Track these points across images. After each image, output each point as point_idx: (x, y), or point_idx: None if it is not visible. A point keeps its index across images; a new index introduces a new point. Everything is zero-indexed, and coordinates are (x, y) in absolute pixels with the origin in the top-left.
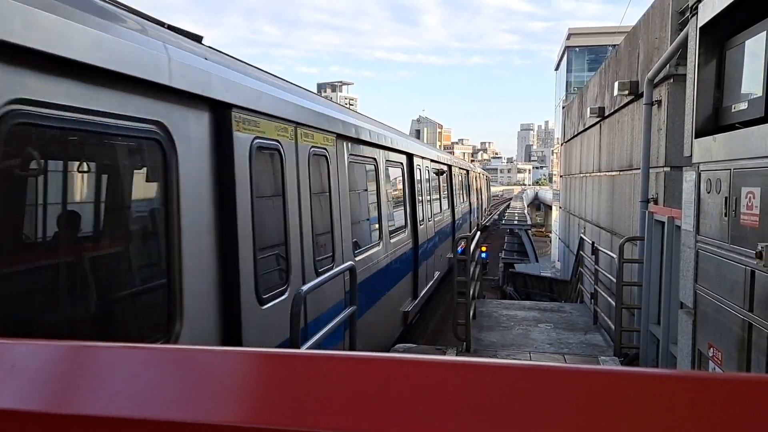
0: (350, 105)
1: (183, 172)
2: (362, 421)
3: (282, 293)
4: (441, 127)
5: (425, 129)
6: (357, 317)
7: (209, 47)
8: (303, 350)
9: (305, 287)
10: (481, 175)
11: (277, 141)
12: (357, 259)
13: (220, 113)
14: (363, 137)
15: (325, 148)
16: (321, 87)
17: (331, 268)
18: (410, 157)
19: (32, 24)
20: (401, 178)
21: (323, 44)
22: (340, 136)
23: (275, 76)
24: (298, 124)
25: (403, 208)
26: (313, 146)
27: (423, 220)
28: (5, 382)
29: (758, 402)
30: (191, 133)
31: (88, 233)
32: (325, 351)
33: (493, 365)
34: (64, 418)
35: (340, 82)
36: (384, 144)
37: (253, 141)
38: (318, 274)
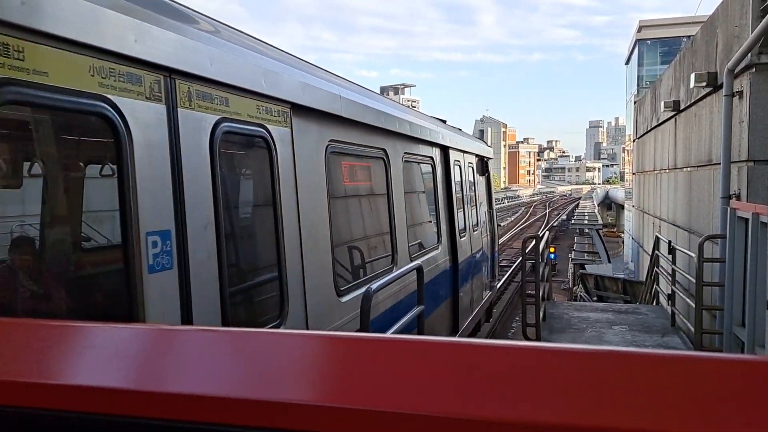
0: (413, 107)
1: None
2: (439, 403)
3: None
4: (505, 126)
5: (489, 129)
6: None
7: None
8: (373, 335)
9: (374, 285)
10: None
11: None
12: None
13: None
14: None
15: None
16: (384, 90)
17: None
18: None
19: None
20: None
21: (380, 47)
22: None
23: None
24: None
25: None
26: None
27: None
28: (93, 361)
29: None
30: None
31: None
32: (396, 335)
33: (574, 351)
34: (149, 395)
35: (403, 84)
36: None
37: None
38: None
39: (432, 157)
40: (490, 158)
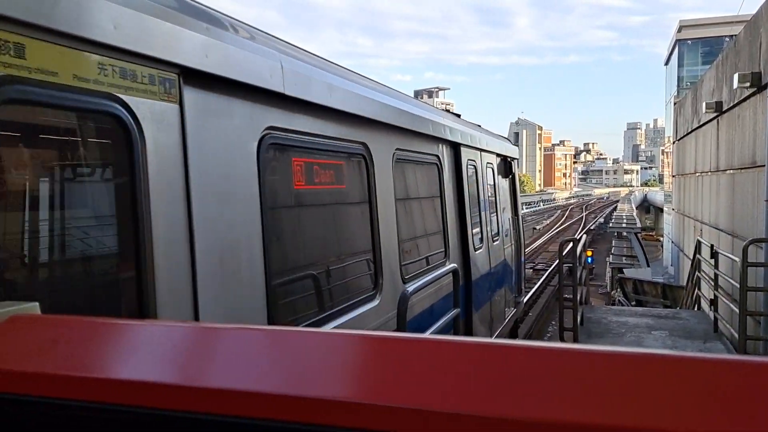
0: (447, 110)
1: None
2: (477, 402)
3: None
4: (541, 128)
5: (524, 131)
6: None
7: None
8: (409, 334)
9: (411, 287)
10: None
11: None
12: None
13: None
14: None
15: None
16: (418, 93)
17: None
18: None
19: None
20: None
21: (415, 52)
22: None
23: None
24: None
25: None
26: None
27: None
28: (139, 357)
29: None
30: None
31: None
32: (432, 336)
33: (614, 353)
34: (192, 390)
35: (437, 88)
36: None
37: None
38: None
39: (438, 156)
40: (515, 158)
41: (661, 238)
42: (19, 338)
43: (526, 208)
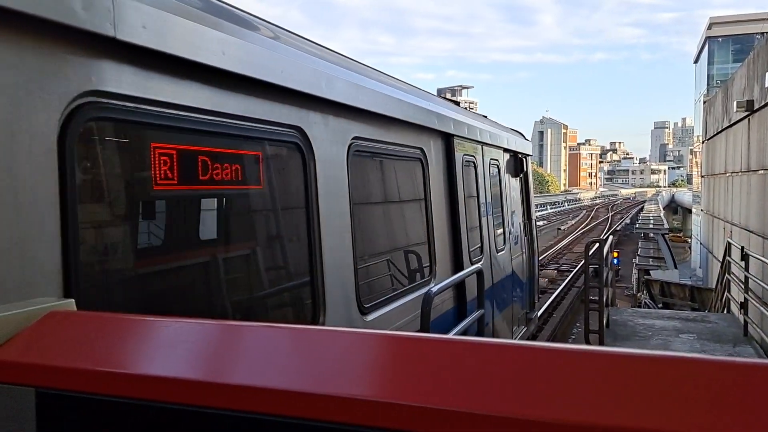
0: (470, 109)
1: None
2: (495, 402)
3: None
4: (566, 127)
5: (549, 130)
6: None
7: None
8: (430, 335)
9: (435, 288)
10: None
11: None
12: None
13: None
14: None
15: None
16: (440, 92)
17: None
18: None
19: None
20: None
21: (438, 50)
22: None
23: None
24: None
25: None
26: None
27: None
28: (170, 354)
29: None
30: None
31: None
32: (451, 336)
33: (639, 356)
34: (218, 387)
35: (460, 86)
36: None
37: None
38: None
39: (422, 149)
40: (528, 155)
41: (689, 240)
42: (57, 333)
43: (551, 208)
